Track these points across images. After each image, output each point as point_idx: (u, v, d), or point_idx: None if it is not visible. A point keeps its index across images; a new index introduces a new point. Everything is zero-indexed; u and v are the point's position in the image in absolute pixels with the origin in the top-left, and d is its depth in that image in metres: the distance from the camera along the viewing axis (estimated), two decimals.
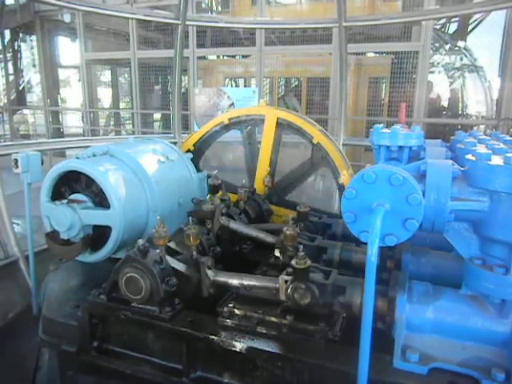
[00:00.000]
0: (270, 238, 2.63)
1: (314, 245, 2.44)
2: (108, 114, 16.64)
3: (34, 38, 15.21)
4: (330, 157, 3.56)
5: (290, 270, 1.96)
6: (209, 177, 3.33)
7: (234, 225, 2.71)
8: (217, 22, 7.10)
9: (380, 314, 1.77)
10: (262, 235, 2.68)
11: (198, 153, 3.88)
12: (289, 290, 1.93)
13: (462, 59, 15.75)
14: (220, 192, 3.20)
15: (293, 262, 1.91)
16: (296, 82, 13.61)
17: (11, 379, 3.06)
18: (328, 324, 1.92)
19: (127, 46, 12.75)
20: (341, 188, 3.49)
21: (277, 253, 2.26)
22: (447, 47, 15.25)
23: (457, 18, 13.44)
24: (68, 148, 6.79)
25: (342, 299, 1.90)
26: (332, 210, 4.00)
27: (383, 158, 2.31)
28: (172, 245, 2.37)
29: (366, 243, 1.52)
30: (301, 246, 1.96)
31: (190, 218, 2.37)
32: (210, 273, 2.17)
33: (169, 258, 2.18)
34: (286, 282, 1.95)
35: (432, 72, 14.40)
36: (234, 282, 2.15)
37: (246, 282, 2.13)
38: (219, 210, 2.65)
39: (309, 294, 1.89)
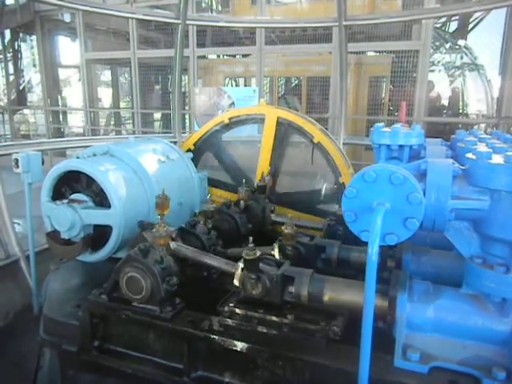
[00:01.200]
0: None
1: (312, 244, 2.44)
2: (108, 113, 16.64)
3: (34, 37, 15.19)
4: (330, 156, 3.56)
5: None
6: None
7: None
8: (217, 22, 7.10)
9: (381, 313, 1.77)
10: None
11: (198, 152, 3.88)
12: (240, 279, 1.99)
13: (462, 58, 15.74)
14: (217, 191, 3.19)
15: (243, 254, 1.97)
16: (296, 82, 13.60)
17: (12, 379, 3.07)
18: (329, 323, 1.92)
19: (127, 46, 12.73)
20: (341, 187, 3.49)
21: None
22: (447, 46, 15.24)
23: (457, 17, 13.42)
24: (68, 148, 6.79)
25: (290, 289, 1.96)
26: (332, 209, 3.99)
27: (384, 157, 2.31)
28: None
29: (366, 242, 1.52)
30: (250, 238, 2.01)
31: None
32: (172, 244, 2.20)
33: None
34: (242, 269, 2.01)
35: (432, 71, 14.39)
36: (194, 256, 2.22)
37: (205, 260, 2.23)
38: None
39: (260, 284, 1.95)
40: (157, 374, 2.10)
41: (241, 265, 2.02)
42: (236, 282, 2.02)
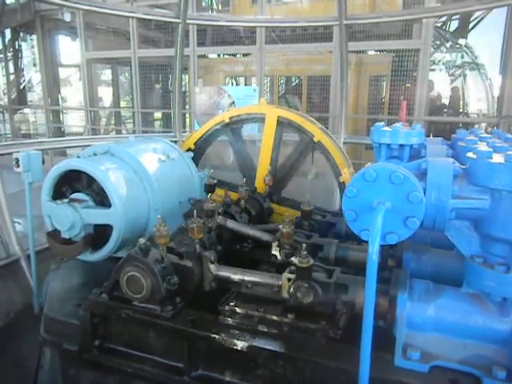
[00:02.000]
0: (266, 237, 2.63)
1: (309, 242, 2.44)
2: (109, 112, 16.64)
3: (34, 37, 15.19)
4: (330, 155, 3.55)
5: (293, 267, 1.96)
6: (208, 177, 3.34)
7: (231, 224, 2.71)
8: (217, 21, 7.11)
9: (381, 312, 1.78)
10: (258, 234, 2.69)
11: (198, 152, 3.87)
12: (291, 289, 1.93)
13: (462, 57, 15.71)
14: (219, 191, 3.20)
15: (296, 261, 1.91)
16: (296, 81, 13.59)
17: (13, 378, 3.07)
18: (329, 322, 1.92)
19: (128, 45, 12.73)
20: (342, 186, 3.49)
21: (274, 250, 2.26)
22: (448, 45, 15.22)
23: (458, 16, 13.41)
24: (69, 147, 6.80)
25: (344, 298, 1.90)
26: (333, 208, 3.99)
27: (384, 156, 2.31)
28: (173, 244, 2.37)
29: (367, 241, 1.52)
30: (303, 245, 1.96)
31: (195, 211, 2.36)
32: (212, 267, 2.18)
33: (170, 255, 2.18)
34: (289, 280, 1.94)
35: (433, 70, 14.38)
36: (236, 277, 2.15)
37: (247, 278, 2.13)
38: (217, 209, 2.65)
39: (311, 293, 1.89)
40: (157, 373, 2.10)
41: (287, 275, 1.95)
42: (285, 295, 1.96)
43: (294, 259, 1.97)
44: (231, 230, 2.71)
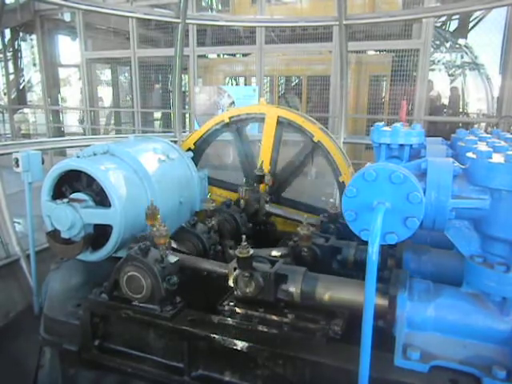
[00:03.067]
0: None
1: (327, 245, 2.42)
2: (108, 112, 16.63)
3: (34, 37, 15.18)
4: (330, 155, 3.55)
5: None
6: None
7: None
8: (217, 21, 7.10)
9: (381, 312, 1.78)
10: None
11: (198, 151, 3.87)
12: (234, 278, 2.01)
13: (462, 57, 15.71)
14: (218, 191, 3.20)
15: (236, 252, 1.99)
16: (296, 81, 13.59)
17: (13, 378, 3.07)
18: (329, 322, 1.92)
19: (127, 45, 12.73)
20: (341, 186, 3.49)
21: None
22: (448, 45, 15.21)
23: (457, 16, 13.40)
24: (68, 147, 6.80)
25: (283, 287, 1.97)
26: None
27: (384, 156, 2.31)
28: (173, 243, 2.37)
29: (366, 241, 1.52)
30: (244, 236, 2.02)
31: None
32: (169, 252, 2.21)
33: None
34: (234, 269, 2.02)
35: (433, 70, 14.38)
36: (188, 263, 2.25)
37: (199, 265, 2.25)
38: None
39: (253, 282, 1.96)
40: (157, 373, 2.10)
41: (234, 264, 2.03)
42: (230, 282, 2.05)
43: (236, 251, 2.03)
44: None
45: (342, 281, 2.01)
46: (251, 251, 1.98)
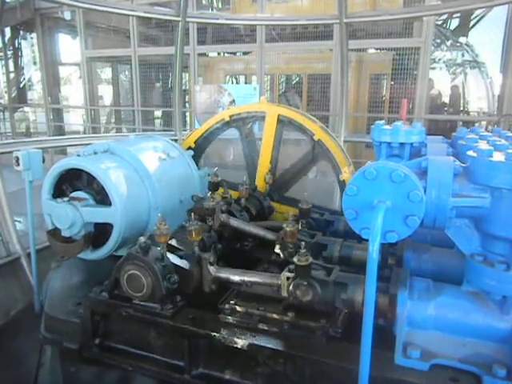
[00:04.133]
0: (270, 235, 2.63)
1: (313, 241, 2.43)
2: (109, 111, 16.63)
3: (34, 35, 15.18)
4: (331, 153, 3.55)
5: (292, 266, 1.96)
6: (208, 174, 3.33)
7: (235, 222, 2.72)
8: (217, 19, 7.10)
9: (381, 310, 1.78)
10: (262, 232, 2.69)
11: (198, 150, 3.87)
12: (291, 287, 1.93)
13: (463, 55, 15.70)
14: (221, 189, 3.20)
15: (295, 259, 1.91)
16: (297, 79, 13.58)
17: (14, 376, 3.08)
18: (329, 321, 1.92)
19: (128, 44, 12.73)
20: (342, 185, 3.49)
21: (277, 249, 2.26)
22: (449, 43, 15.19)
23: (458, 14, 13.38)
24: (69, 146, 6.80)
25: (343, 296, 1.89)
26: (333, 206, 3.99)
27: (384, 154, 2.31)
28: (174, 242, 2.37)
29: (367, 240, 1.52)
30: (302, 243, 1.96)
31: (192, 214, 2.37)
32: (212, 269, 2.17)
33: (169, 255, 2.18)
34: (288, 278, 1.94)
35: (433, 68, 14.37)
36: (236, 278, 2.15)
37: (247, 278, 2.13)
38: (219, 208, 2.65)
39: (310, 291, 1.89)
40: (158, 372, 2.11)
41: (286, 274, 1.95)
42: (284, 293, 1.96)
43: (294, 258, 1.98)
44: (234, 228, 2.71)
45: None
46: (310, 259, 1.91)
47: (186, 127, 10.35)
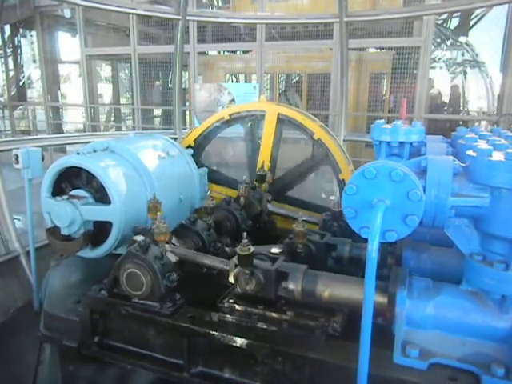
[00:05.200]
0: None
1: (322, 242, 2.41)
2: (108, 109, 16.62)
3: (34, 33, 15.15)
4: (330, 152, 3.55)
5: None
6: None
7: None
8: (217, 17, 7.09)
9: (380, 309, 1.78)
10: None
11: (198, 148, 3.87)
12: (232, 275, 2.02)
13: (463, 55, 15.69)
14: (217, 188, 3.19)
15: (237, 249, 1.98)
16: (297, 78, 13.57)
17: (13, 374, 3.08)
18: (328, 319, 1.93)
19: (128, 42, 12.72)
20: (341, 184, 3.49)
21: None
22: (449, 43, 15.19)
23: (458, 13, 13.37)
24: (68, 144, 6.79)
25: (284, 284, 1.96)
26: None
27: (384, 153, 2.31)
28: (173, 241, 2.38)
29: (366, 239, 1.52)
30: (244, 234, 2.01)
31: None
32: (167, 247, 2.21)
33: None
34: (235, 266, 2.02)
35: (433, 67, 14.36)
36: (188, 257, 2.25)
37: (198, 259, 2.25)
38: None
39: (253, 279, 1.96)
40: (157, 370, 2.11)
41: (235, 261, 2.03)
42: (231, 279, 2.04)
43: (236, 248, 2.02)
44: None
45: (342, 278, 2.01)
46: (252, 248, 1.98)
47: (185, 126, 10.34)
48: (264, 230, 3.32)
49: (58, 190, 2.68)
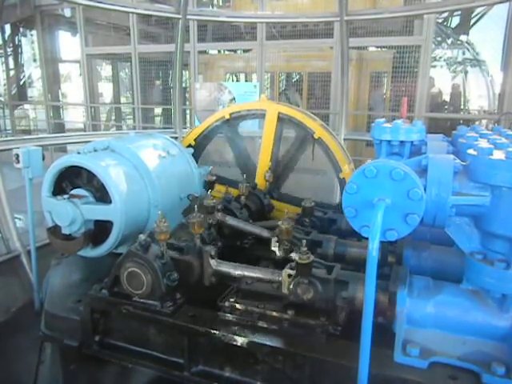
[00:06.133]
0: (265, 233, 2.63)
1: (308, 239, 2.41)
2: (109, 108, 16.62)
3: (34, 32, 15.15)
4: (331, 151, 3.55)
5: (293, 264, 1.96)
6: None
7: (231, 220, 2.72)
8: (218, 16, 7.08)
9: (381, 308, 1.78)
10: (257, 230, 2.69)
11: (199, 148, 3.87)
12: (291, 285, 1.93)
13: (464, 53, 15.68)
14: (219, 187, 3.21)
15: (296, 257, 1.91)
16: (297, 77, 13.56)
17: (14, 373, 3.08)
18: (329, 318, 1.93)
19: (128, 41, 12.71)
20: (342, 183, 3.49)
21: (273, 247, 2.26)
22: (449, 41, 15.17)
23: (459, 12, 13.35)
24: (69, 143, 6.79)
25: (344, 294, 1.90)
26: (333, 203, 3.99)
27: (384, 152, 2.31)
28: (173, 240, 2.37)
29: (367, 238, 1.52)
30: (303, 241, 1.96)
31: (196, 206, 2.37)
32: (212, 262, 2.17)
33: (170, 251, 2.18)
34: (289, 276, 1.94)
35: (434, 66, 14.34)
36: (237, 272, 2.15)
37: (248, 273, 2.13)
38: (216, 206, 2.67)
39: (311, 289, 1.89)
40: (157, 369, 2.11)
41: (288, 271, 1.95)
42: (285, 291, 1.96)
43: (293, 255, 1.97)
44: (231, 226, 2.71)
45: None
46: (311, 257, 1.91)
47: (186, 125, 10.34)
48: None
49: (58, 189, 2.68)
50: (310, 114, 3.74)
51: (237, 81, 14.50)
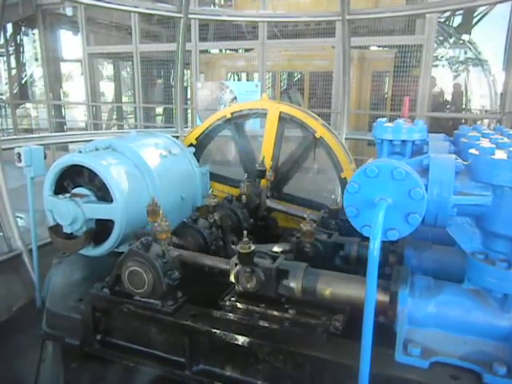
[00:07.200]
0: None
1: (330, 241, 2.40)
2: (110, 107, 16.63)
3: (36, 31, 15.17)
4: (332, 151, 3.55)
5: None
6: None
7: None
8: (219, 16, 7.08)
9: (382, 308, 1.78)
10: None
11: (200, 147, 3.87)
12: (233, 273, 2.02)
13: (466, 53, 15.65)
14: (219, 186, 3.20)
15: (237, 247, 1.99)
16: (299, 76, 13.55)
17: (15, 372, 3.09)
18: (330, 318, 1.93)
19: (129, 40, 12.72)
20: (343, 182, 3.49)
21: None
22: (451, 41, 15.14)
23: (461, 11, 13.32)
24: (71, 142, 6.80)
25: (285, 283, 1.97)
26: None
27: (386, 152, 2.31)
28: (174, 239, 2.38)
29: (368, 238, 1.52)
30: (245, 232, 2.02)
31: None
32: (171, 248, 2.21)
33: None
34: (236, 264, 2.02)
35: (436, 66, 14.31)
36: (189, 258, 2.25)
37: (200, 261, 2.25)
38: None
39: (254, 278, 1.96)
40: (158, 368, 2.11)
41: (235, 260, 2.03)
42: (231, 277, 2.05)
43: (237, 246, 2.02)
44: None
45: (343, 277, 2.01)
46: (252, 247, 1.98)
47: (187, 124, 10.35)
48: (265, 228, 3.32)
49: (60, 188, 2.69)
50: (311, 114, 3.74)
51: (238, 80, 14.50)
